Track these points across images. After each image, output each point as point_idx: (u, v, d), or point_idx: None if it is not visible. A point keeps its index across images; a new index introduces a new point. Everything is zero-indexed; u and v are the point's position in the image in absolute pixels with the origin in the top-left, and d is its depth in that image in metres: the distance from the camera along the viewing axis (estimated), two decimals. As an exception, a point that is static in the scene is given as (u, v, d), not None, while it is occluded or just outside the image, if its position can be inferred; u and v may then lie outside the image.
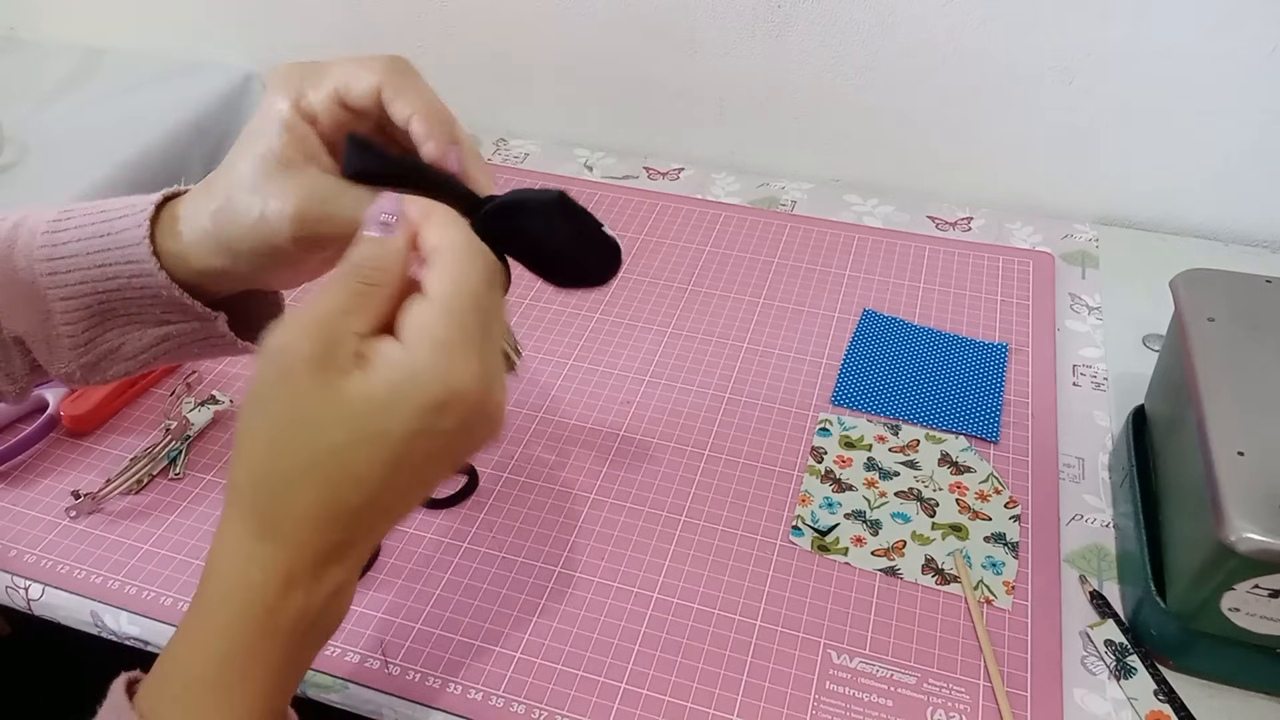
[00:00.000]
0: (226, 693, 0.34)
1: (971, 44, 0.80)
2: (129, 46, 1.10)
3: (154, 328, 0.43)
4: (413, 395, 0.32)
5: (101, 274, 0.41)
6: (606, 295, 0.77)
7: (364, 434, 0.33)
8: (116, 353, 0.43)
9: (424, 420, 0.33)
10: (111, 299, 0.41)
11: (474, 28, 0.95)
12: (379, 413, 0.33)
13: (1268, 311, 0.54)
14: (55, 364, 0.43)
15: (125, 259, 0.40)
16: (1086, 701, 0.50)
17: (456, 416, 0.33)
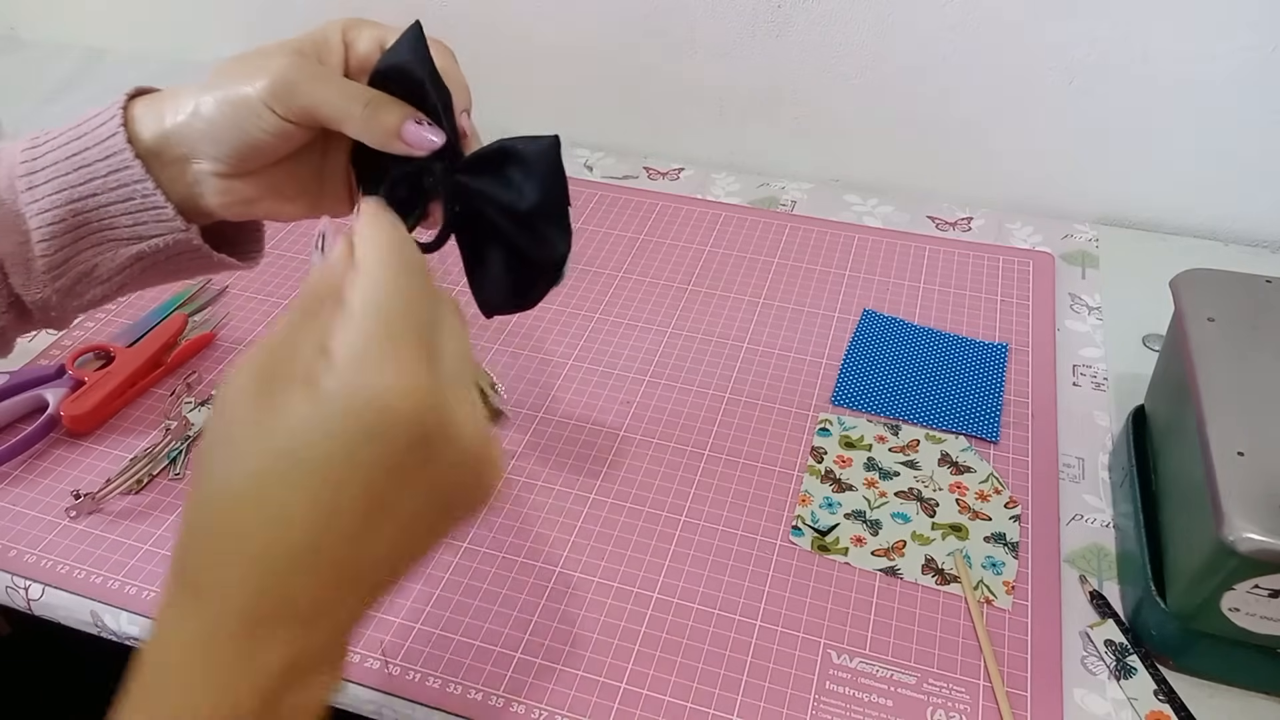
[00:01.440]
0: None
1: (971, 44, 0.80)
2: (129, 46, 1.10)
3: (126, 245, 0.42)
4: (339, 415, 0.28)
5: (79, 177, 0.41)
6: (606, 295, 0.77)
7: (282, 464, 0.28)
8: (91, 275, 0.43)
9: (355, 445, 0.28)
10: (86, 207, 0.41)
11: (474, 28, 0.95)
12: (299, 438, 0.28)
13: (1268, 311, 0.54)
14: (31, 289, 0.42)
15: (102, 154, 0.40)
16: (1086, 701, 0.50)
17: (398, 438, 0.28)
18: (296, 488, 0.28)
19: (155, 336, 0.70)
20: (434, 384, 0.29)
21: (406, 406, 0.28)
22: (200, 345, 0.72)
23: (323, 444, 0.28)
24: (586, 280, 0.79)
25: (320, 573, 0.29)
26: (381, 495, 0.29)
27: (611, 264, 0.81)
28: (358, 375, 0.28)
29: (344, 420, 0.28)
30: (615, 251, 0.82)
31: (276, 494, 0.28)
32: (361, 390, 0.28)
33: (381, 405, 0.28)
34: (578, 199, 0.89)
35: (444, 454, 0.29)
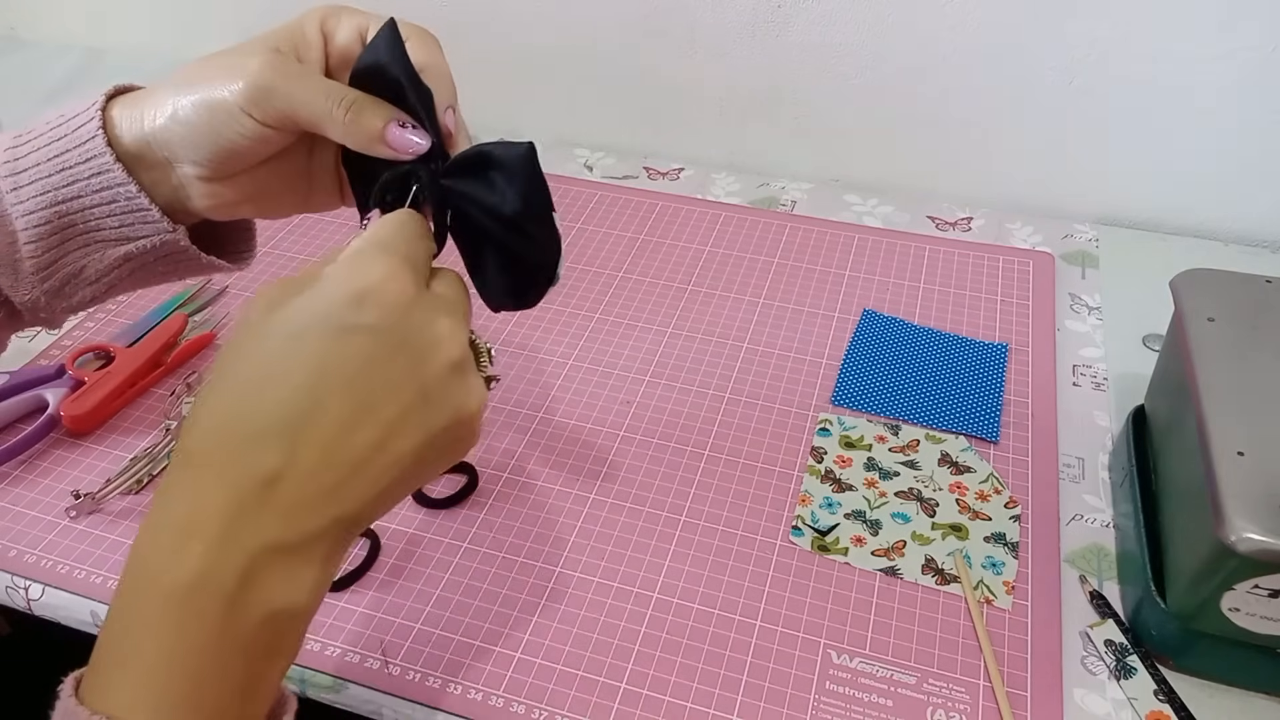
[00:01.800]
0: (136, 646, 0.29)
1: (971, 44, 0.80)
2: (129, 46, 1.10)
3: (115, 246, 0.42)
4: (328, 290, 0.31)
5: (62, 179, 0.40)
6: (606, 295, 0.77)
7: (274, 334, 0.31)
8: (79, 276, 0.42)
9: (341, 313, 0.31)
10: (72, 209, 0.41)
11: (473, 28, 0.95)
12: (294, 314, 0.31)
13: (1268, 311, 0.54)
14: (19, 290, 0.42)
15: (83, 156, 0.40)
16: (1086, 701, 0.50)
17: (378, 310, 0.31)
18: (291, 364, 0.30)
19: (155, 336, 0.70)
20: (420, 290, 0.33)
21: (390, 297, 0.31)
22: (200, 345, 0.72)
23: (315, 324, 0.31)
24: (586, 280, 0.79)
25: (307, 455, 0.30)
26: (368, 383, 0.31)
27: (611, 264, 0.81)
28: (350, 268, 0.32)
29: (335, 303, 0.31)
30: (615, 251, 0.82)
31: (273, 370, 0.30)
32: (352, 278, 0.31)
33: (367, 291, 0.31)
34: (578, 199, 0.89)
35: (425, 345, 0.32)
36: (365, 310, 0.31)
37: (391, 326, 0.31)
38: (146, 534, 0.30)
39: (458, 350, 0.34)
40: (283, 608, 0.30)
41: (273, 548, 0.30)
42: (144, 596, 0.30)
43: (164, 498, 0.31)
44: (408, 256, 0.34)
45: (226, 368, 0.31)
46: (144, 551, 0.30)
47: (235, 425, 0.30)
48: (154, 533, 0.30)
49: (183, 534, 0.29)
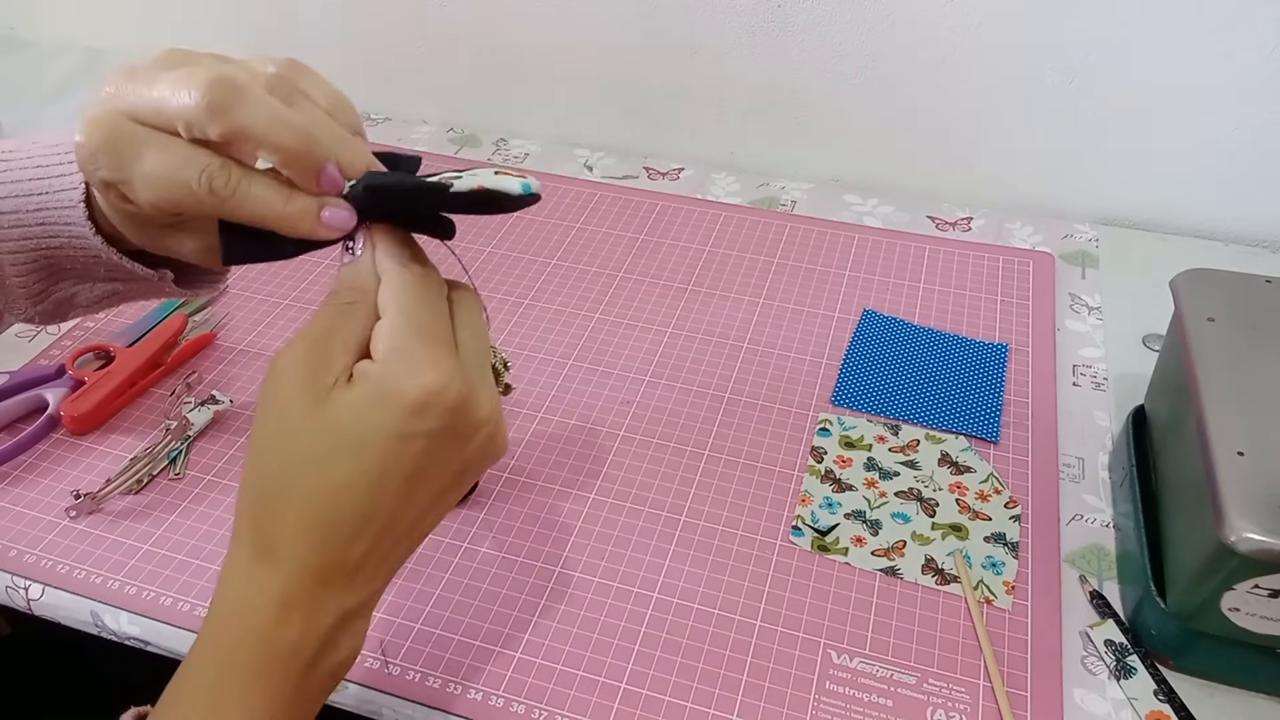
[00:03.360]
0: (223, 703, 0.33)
1: (971, 44, 0.80)
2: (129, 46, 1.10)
3: (103, 283, 0.43)
4: (388, 400, 0.33)
5: (44, 231, 0.41)
6: (606, 295, 0.77)
7: (343, 444, 0.33)
8: (71, 300, 0.44)
9: (403, 423, 0.33)
10: (56, 255, 0.41)
11: (474, 28, 0.95)
12: (356, 422, 0.33)
13: (1268, 311, 0.54)
14: (13, 310, 0.43)
15: (64, 220, 0.40)
16: (1086, 701, 0.50)
17: (436, 417, 0.33)
18: (355, 464, 0.33)
19: (155, 336, 0.70)
20: (462, 374, 0.34)
21: (442, 397, 0.33)
22: (200, 345, 0.72)
23: (376, 428, 0.33)
24: (586, 280, 0.79)
25: (373, 534, 0.34)
26: (422, 467, 0.34)
27: (611, 264, 0.81)
28: (401, 372, 0.33)
29: (393, 409, 0.33)
30: (615, 251, 0.82)
31: (338, 470, 0.33)
32: (406, 384, 0.33)
33: (429, 386, 0.33)
34: (578, 199, 0.89)
35: (470, 430, 0.35)
36: (425, 419, 0.33)
37: (445, 426, 0.34)
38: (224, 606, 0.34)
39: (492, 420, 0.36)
40: (345, 658, 0.36)
41: (347, 614, 0.35)
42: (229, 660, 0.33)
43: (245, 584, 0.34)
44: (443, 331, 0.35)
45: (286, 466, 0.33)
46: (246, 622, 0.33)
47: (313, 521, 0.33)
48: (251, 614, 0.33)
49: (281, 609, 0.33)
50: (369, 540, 0.34)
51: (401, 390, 0.33)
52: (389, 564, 0.36)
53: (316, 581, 0.33)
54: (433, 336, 0.34)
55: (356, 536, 0.34)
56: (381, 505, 0.34)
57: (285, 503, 0.33)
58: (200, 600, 0.56)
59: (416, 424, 0.33)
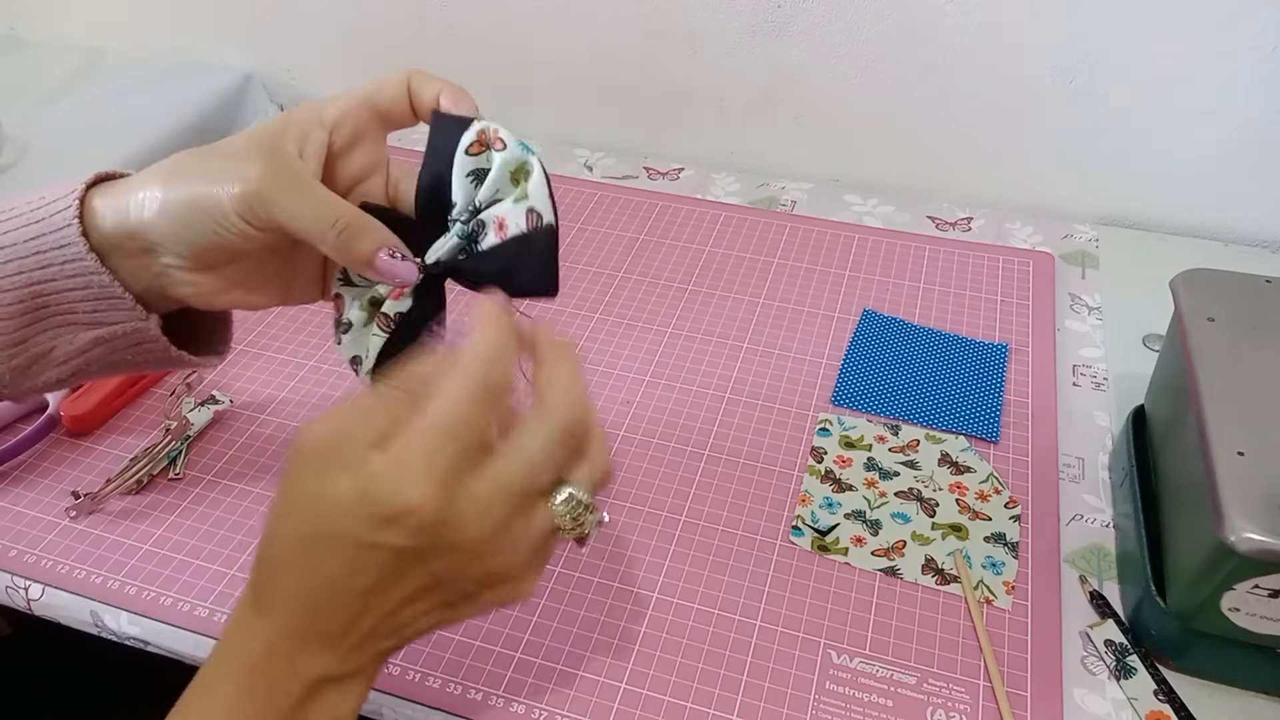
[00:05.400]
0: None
1: (971, 44, 0.80)
2: (129, 46, 1.10)
3: (86, 329, 0.42)
4: (366, 503, 0.33)
5: (36, 262, 0.40)
6: (606, 295, 0.77)
7: (328, 532, 0.34)
8: (48, 357, 0.42)
9: (373, 531, 0.33)
10: (45, 291, 0.40)
11: (474, 28, 0.95)
12: (339, 514, 0.33)
13: (1268, 311, 0.54)
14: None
15: (58, 242, 0.40)
16: (1086, 701, 0.50)
17: (406, 535, 0.33)
18: (329, 552, 0.34)
19: (155, 336, 0.70)
20: (445, 504, 0.33)
21: (415, 517, 0.33)
22: (200, 345, 0.72)
23: (351, 525, 0.33)
24: (586, 280, 0.79)
25: (347, 618, 0.35)
26: (391, 570, 0.34)
27: (611, 264, 0.81)
28: (391, 480, 0.33)
29: (365, 514, 0.33)
30: (615, 251, 0.82)
31: (316, 552, 0.34)
32: (389, 494, 0.33)
33: (397, 510, 0.33)
34: (578, 199, 0.89)
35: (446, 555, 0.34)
36: (395, 532, 0.33)
37: (413, 546, 0.34)
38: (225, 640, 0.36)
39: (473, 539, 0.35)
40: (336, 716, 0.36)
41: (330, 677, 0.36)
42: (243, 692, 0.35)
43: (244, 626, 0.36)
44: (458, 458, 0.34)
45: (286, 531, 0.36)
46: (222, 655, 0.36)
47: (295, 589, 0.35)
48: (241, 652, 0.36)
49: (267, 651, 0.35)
50: (344, 621, 0.35)
51: (382, 505, 0.33)
52: (374, 650, 0.37)
53: (297, 639, 0.35)
54: (441, 459, 0.33)
55: (332, 614, 0.35)
56: (351, 599, 0.35)
57: (276, 568, 0.36)
58: (200, 600, 0.56)
59: (386, 535, 0.33)
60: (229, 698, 0.35)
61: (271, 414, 0.67)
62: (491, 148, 0.39)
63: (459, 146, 0.39)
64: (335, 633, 0.35)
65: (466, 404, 0.34)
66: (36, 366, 0.43)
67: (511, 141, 0.39)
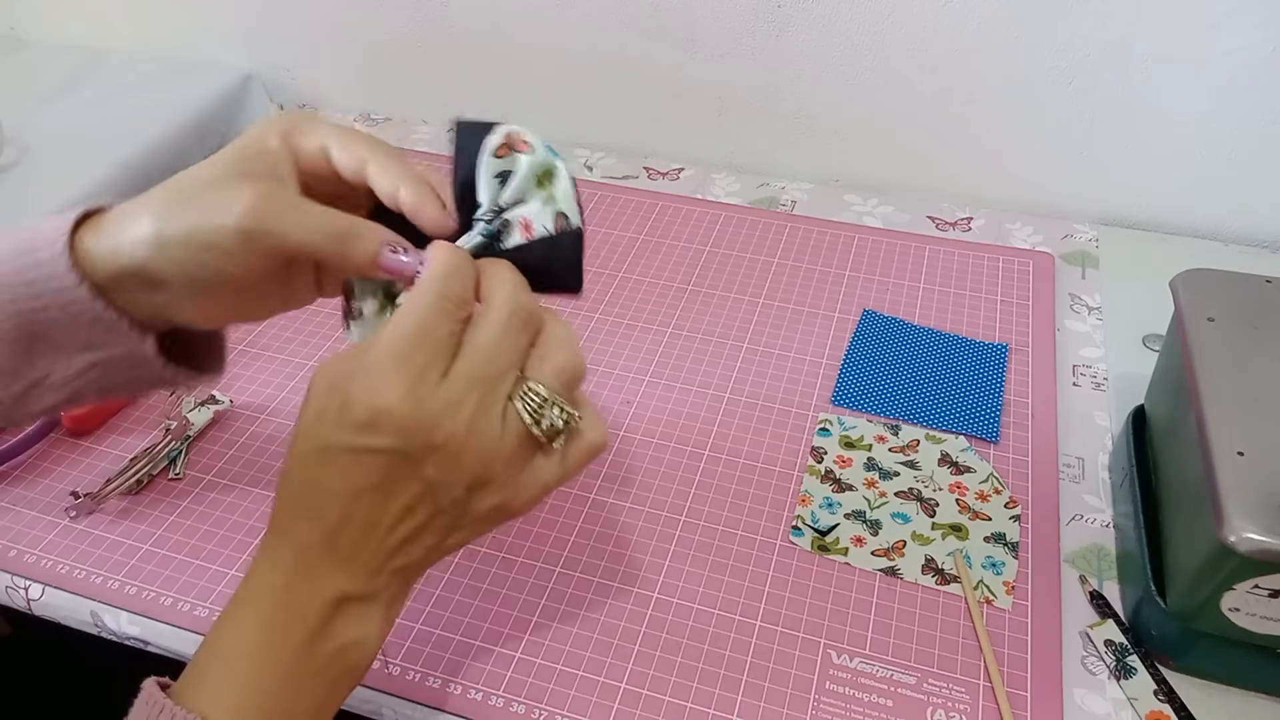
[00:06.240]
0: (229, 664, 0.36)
1: (971, 44, 0.80)
2: (129, 46, 1.10)
3: (80, 353, 0.42)
4: (345, 410, 0.35)
5: (27, 291, 0.40)
6: (607, 295, 0.77)
7: (322, 446, 0.36)
8: (44, 383, 0.42)
9: (356, 436, 0.35)
10: (39, 319, 0.40)
11: (474, 28, 0.95)
12: (327, 427, 0.36)
13: (1268, 311, 0.54)
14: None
15: (49, 274, 0.39)
16: (1086, 701, 0.50)
17: (387, 436, 0.35)
18: (325, 465, 0.36)
19: (155, 336, 0.70)
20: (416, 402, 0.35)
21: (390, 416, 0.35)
22: (200, 345, 0.72)
23: (337, 435, 0.36)
24: (587, 280, 0.78)
25: (351, 524, 0.37)
26: (383, 475, 0.36)
27: (611, 264, 0.81)
28: (364, 386, 0.35)
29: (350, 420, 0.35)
30: (615, 251, 0.82)
31: (315, 467, 0.37)
32: (363, 399, 0.35)
33: (372, 411, 0.35)
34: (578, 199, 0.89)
35: (429, 457, 0.36)
36: (376, 435, 0.35)
37: (395, 447, 0.36)
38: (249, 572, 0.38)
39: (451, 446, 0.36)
40: (353, 643, 0.38)
41: (347, 596, 0.37)
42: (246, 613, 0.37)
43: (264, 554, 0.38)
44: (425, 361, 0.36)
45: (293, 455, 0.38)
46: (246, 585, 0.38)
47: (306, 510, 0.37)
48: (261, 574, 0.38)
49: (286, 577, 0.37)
50: (353, 534, 0.37)
51: (356, 404, 0.35)
52: (388, 569, 0.38)
53: (310, 559, 0.37)
54: (406, 358, 0.36)
55: (339, 527, 0.37)
56: (353, 509, 0.36)
57: (287, 491, 0.38)
58: (200, 600, 0.56)
59: (364, 439, 0.35)
60: (256, 619, 0.37)
61: (271, 414, 0.67)
62: (516, 150, 0.41)
63: (486, 149, 0.41)
64: (346, 546, 0.37)
65: (426, 312, 0.36)
66: (34, 392, 0.42)
67: (538, 144, 0.41)
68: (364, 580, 0.38)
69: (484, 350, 0.37)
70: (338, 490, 0.37)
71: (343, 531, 0.37)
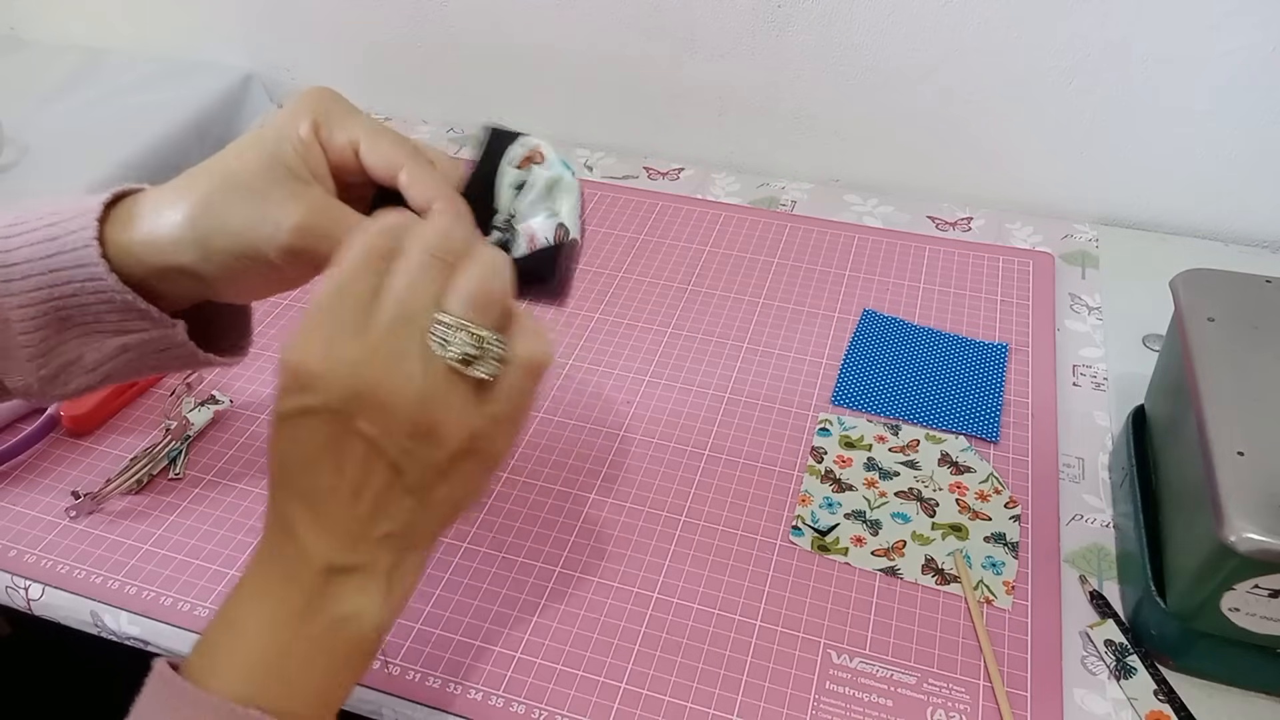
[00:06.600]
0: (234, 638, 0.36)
1: (971, 44, 0.80)
2: (129, 46, 1.10)
3: (112, 337, 0.42)
4: (284, 375, 0.36)
5: (55, 279, 0.40)
6: (607, 295, 0.77)
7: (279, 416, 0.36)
8: (76, 364, 0.42)
9: (297, 398, 0.35)
10: (68, 305, 0.40)
11: (474, 28, 0.95)
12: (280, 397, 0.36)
13: (1268, 311, 0.54)
14: (12, 375, 0.42)
15: (76, 262, 0.40)
16: (1086, 701, 0.50)
17: (320, 393, 0.35)
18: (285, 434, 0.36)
19: (155, 336, 0.70)
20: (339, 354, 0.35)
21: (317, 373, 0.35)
22: (200, 345, 0.72)
23: (285, 401, 0.36)
24: (586, 280, 0.79)
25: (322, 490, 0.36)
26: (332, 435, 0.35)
27: (611, 264, 0.81)
28: (294, 348, 0.35)
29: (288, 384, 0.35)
30: (615, 251, 0.82)
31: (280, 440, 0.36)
32: (293, 361, 0.35)
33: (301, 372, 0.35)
34: (578, 199, 0.89)
35: (358, 409, 0.35)
36: (309, 395, 0.35)
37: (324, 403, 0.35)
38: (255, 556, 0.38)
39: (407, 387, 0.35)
40: (350, 615, 0.37)
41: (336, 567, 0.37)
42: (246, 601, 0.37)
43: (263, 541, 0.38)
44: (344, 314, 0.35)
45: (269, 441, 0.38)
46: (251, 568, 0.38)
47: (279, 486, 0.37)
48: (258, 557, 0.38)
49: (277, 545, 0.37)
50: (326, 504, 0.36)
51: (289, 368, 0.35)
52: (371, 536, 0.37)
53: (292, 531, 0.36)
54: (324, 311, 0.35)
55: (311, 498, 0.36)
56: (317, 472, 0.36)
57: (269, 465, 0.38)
58: (200, 600, 0.56)
59: (302, 400, 0.35)
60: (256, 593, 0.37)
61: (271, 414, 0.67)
62: (535, 163, 0.42)
63: (506, 158, 0.42)
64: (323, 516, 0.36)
65: (347, 270, 0.36)
66: (65, 374, 0.43)
67: (553, 158, 0.42)
68: (348, 550, 0.37)
69: (395, 292, 0.35)
70: (295, 459, 0.36)
71: (315, 500, 0.36)
